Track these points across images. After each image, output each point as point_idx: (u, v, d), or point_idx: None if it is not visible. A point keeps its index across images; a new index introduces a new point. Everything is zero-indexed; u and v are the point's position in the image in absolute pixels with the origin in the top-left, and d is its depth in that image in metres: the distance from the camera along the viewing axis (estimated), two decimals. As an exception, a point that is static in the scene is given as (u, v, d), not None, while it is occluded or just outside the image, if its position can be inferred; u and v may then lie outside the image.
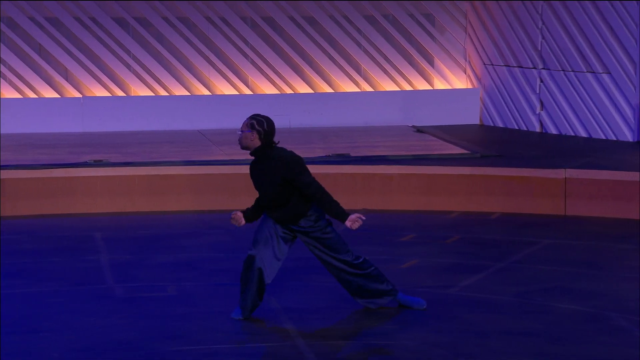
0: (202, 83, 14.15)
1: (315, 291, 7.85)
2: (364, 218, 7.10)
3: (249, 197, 10.85)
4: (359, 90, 14.44)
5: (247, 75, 14.24)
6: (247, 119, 7.13)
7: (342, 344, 6.72)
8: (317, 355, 6.48)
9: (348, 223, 7.08)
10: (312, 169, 11.12)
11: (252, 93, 14.22)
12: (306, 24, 14.35)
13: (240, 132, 7.09)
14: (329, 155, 11.89)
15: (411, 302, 7.38)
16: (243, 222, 7.28)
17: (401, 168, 11.11)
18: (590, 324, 7.09)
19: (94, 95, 13.91)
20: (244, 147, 7.14)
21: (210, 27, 14.12)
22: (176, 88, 14.10)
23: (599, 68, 13.02)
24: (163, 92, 14.06)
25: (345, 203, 10.64)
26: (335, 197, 10.74)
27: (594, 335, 6.87)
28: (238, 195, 10.81)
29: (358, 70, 14.48)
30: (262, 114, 7.20)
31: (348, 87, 14.44)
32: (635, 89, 12.68)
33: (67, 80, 13.90)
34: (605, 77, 12.95)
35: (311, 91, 14.35)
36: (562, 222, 10.30)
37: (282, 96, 14.21)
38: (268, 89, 14.28)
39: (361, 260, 7.26)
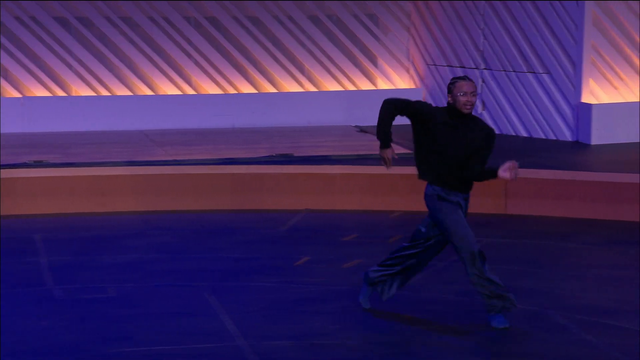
0: (145, 83, 14.05)
1: (257, 291, 7.82)
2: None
3: (192, 198, 10.83)
4: (302, 90, 14.43)
5: (190, 76, 14.17)
6: (470, 82, 6.77)
7: (284, 344, 6.69)
8: (259, 356, 6.45)
9: None
10: (255, 169, 11.16)
11: (195, 93, 14.15)
12: (250, 24, 14.31)
13: (472, 95, 6.75)
14: (273, 156, 11.87)
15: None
16: None
17: (344, 168, 11.12)
18: (531, 321, 7.14)
19: (34, 95, 13.75)
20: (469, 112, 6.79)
21: (153, 27, 14.03)
22: (119, 88, 13.99)
23: (539, 68, 13.13)
24: (105, 92, 13.94)
25: (287, 203, 10.71)
26: (277, 198, 10.81)
27: (534, 333, 6.92)
28: (181, 195, 10.74)
29: (302, 70, 14.47)
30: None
31: (292, 87, 14.43)
32: (574, 89, 12.81)
33: (6, 80, 13.73)
34: (546, 77, 13.07)
35: (255, 91, 14.31)
36: (503, 221, 10.36)
37: (226, 96, 14.16)
38: (212, 89, 14.22)
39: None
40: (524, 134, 13.31)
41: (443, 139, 6.79)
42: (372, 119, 14.08)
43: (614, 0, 12.78)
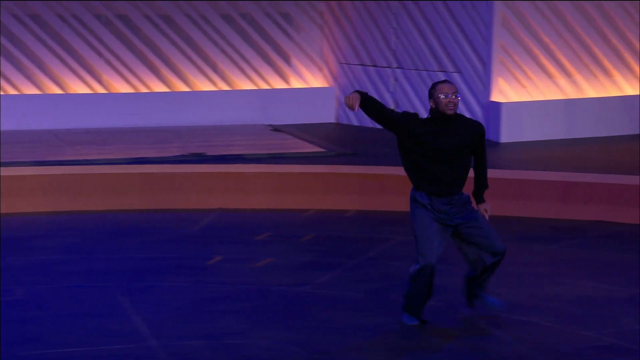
0: (54, 82, 13.86)
1: (169, 291, 7.78)
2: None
3: (102, 198, 10.71)
4: (215, 89, 14.39)
5: (101, 74, 14.02)
6: (451, 84, 6.76)
7: (196, 344, 6.67)
8: (170, 356, 6.42)
9: None
10: (168, 168, 11.10)
11: (106, 92, 14.01)
12: (162, 23, 14.22)
13: (458, 97, 6.75)
14: (185, 155, 11.81)
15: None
16: None
17: (257, 167, 11.12)
18: (440, 317, 7.22)
19: (-59, 94, 13.49)
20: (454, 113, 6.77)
21: (63, 26, 13.85)
22: (27, 87, 13.78)
23: (450, 67, 13.29)
24: (13, 91, 13.72)
25: (200, 202, 10.67)
26: (190, 197, 10.77)
27: (442, 328, 7.00)
28: (91, 195, 10.63)
29: (215, 69, 14.43)
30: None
31: (205, 85, 14.38)
32: (484, 88, 12.98)
33: None
34: (457, 76, 13.23)
35: (167, 90, 14.23)
36: (415, 219, 10.44)
37: (137, 95, 14.04)
38: (123, 87, 14.09)
39: None
40: (435, 132, 13.46)
41: (425, 147, 6.74)
42: (286, 118, 14.21)
43: (522, 1, 13.00)
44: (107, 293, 7.75)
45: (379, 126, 15.29)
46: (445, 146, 6.73)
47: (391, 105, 13.90)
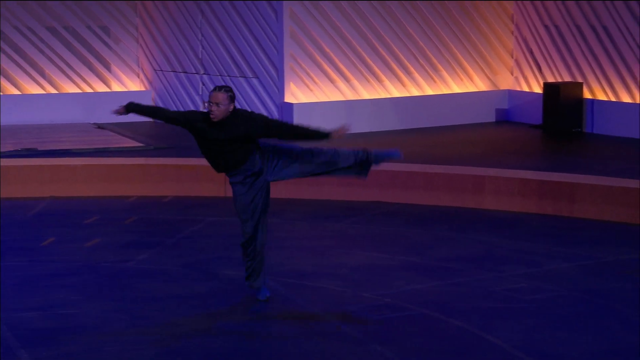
0: None
1: (7, 270, 7.45)
2: None
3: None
4: (44, 92, 13.91)
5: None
6: (222, 92, 6.38)
7: (31, 315, 6.42)
8: (6, 326, 6.15)
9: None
10: (3, 162, 10.60)
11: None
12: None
13: (216, 106, 6.37)
14: (18, 150, 11.35)
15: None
16: None
17: (84, 160, 10.82)
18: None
19: None
20: (219, 119, 6.42)
21: None
22: None
23: (249, 74, 13.31)
24: None
25: (33, 192, 10.28)
26: (22, 188, 10.35)
27: (249, 295, 7.03)
28: None
29: (42, 74, 13.95)
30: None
31: (34, 89, 13.87)
32: (278, 91, 13.08)
33: None
34: (255, 81, 13.27)
35: None
36: (223, 203, 10.43)
37: (-26, 98, 13.39)
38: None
39: None
40: (238, 128, 13.45)
41: (202, 137, 6.54)
42: (108, 117, 13.88)
43: (307, 18, 13.14)
44: (-51, 274, 7.35)
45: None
46: (218, 136, 6.50)
47: (201, 106, 13.80)
